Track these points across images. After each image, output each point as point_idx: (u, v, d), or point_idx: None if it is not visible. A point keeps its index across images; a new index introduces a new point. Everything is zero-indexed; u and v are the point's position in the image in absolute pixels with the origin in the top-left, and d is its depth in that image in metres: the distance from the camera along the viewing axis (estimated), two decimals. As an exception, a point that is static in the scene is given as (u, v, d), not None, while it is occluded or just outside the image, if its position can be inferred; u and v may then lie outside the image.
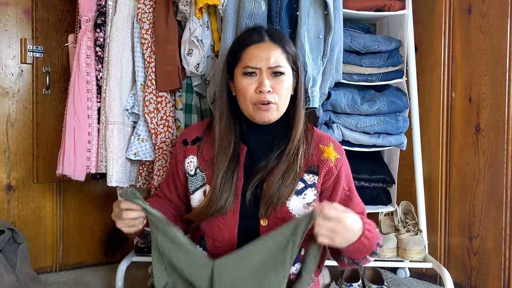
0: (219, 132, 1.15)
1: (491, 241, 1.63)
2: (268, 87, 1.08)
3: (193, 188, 1.16)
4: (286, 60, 1.12)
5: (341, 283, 1.64)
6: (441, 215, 1.78)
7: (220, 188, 1.09)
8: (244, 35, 1.19)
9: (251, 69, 1.10)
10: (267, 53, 1.10)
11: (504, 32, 1.60)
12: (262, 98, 1.09)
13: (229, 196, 1.08)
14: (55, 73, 1.87)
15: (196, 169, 1.16)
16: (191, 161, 1.17)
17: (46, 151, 1.85)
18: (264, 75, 1.10)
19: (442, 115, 1.78)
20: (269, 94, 1.09)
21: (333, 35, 1.38)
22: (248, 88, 1.10)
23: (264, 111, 1.10)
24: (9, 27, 1.78)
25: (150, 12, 1.51)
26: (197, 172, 1.16)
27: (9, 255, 1.58)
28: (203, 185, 1.14)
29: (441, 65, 1.78)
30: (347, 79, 1.53)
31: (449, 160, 1.76)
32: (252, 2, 1.36)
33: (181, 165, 1.19)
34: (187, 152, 1.19)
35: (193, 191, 1.15)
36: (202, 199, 1.13)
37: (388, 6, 1.60)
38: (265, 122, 1.12)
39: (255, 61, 1.10)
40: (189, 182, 1.17)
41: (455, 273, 1.70)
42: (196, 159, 1.17)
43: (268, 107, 1.10)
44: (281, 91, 1.11)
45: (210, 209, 1.09)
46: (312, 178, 1.12)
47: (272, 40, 1.12)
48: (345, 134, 1.50)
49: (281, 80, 1.11)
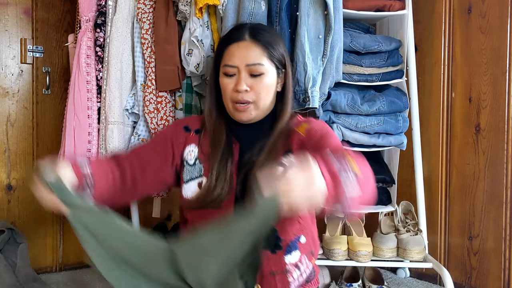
0: (210, 126, 1.16)
1: (491, 241, 1.63)
2: (244, 87, 1.08)
3: (187, 177, 1.15)
4: (267, 59, 1.11)
5: (341, 283, 1.64)
6: (441, 215, 1.78)
7: (216, 179, 1.09)
8: (228, 33, 1.20)
9: (229, 67, 1.11)
10: (245, 52, 1.10)
11: (504, 32, 1.60)
12: (239, 98, 1.10)
13: (224, 187, 1.08)
14: (55, 73, 1.87)
15: (196, 160, 1.16)
16: (192, 150, 1.17)
17: (46, 151, 1.85)
18: (242, 74, 1.10)
19: (442, 115, 1.78)
20: (246, 93, 1.09)
21: (333, 35, 1.38)
22: (228, 87, 1.12)
23: (241, 112, 1.11)
24: (9, 27, 1.78)
25: (150, 12, 1.50)
26: (196, 163, 1.15)
27: (9, 255, 1.58)
28: (199, 176, 1.14)
29: (441, 65, 1.78)
30: (347, 79, 1.52)
31: (449, 160, 1.76)
32: (252, 2, 1.36)
33: (178, 149, 1.17)
34: (189, 140, 1.18)
35: (187, 180, 1.15)
36: (196, 190, 1.13)
37: (388, 6, 1.60)
38: (245, 121, 1.12)
39: (233, 59, 1.11)
40: (185, 171, 1.16)
41: (455, 273, 1.69)
42: (197, 149, 1.17)
43: (245, 107, 1.10)
44: (260, 91, 1.10)
45: (206, 198, 1.08)
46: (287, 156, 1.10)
47: (253, 39, 1.12)
48: (345, 134, 1.50)
49: (260, 79, 1.10)
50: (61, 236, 1.91)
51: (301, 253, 1.09)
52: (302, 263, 1.09)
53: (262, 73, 1.10)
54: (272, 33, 1.19)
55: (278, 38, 1.19)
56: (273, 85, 1.14)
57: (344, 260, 1.58)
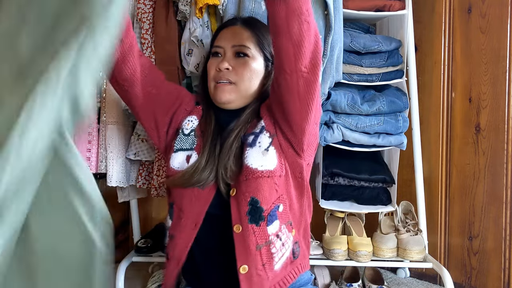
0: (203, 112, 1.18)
1: (491, 241, 1.63)
2: (225, 65, 1.09)
3: (178, 146, 1.14)
4: (255, 44, 1.12)
5: (341, 283, 1.64)
6: (441, 215, 1.78)
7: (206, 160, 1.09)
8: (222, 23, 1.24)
9: (215, 48, 1.13)
10: (233, 35, 1.13)
11: (504, 32, 1.60)
12: (220, 76, 1.10)
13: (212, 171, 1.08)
14: (55, 73, 1.87)
15: (192, 131, 1.16)
16: (191, 120, 1.17)
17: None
18: (227, 55, 1.11)
19: (442, 115, 1.78)
20: (228, 72, 1.10)
21: (333, 35, 1.38)
22: (211, 68, 1.13)
23: (221, 90, 1.11)
24: (9, 27, 1.77)
25: (150, 12, 1.50)
26: (191, 134, 1.15)
27: (9, 255, 1.58)
28: (190, 149, 1.13)
29: (441, 65, 1.78)
30: (347, 79, 1.52)
31: (449, 160, 1.76)
32: (252, 2, 1.36)
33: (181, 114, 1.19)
34: (194, 111, 1.20)
35: (176, 149, 1.14)
36: (183, 162, 1.12)
37: (388, 6, 1.60)
38: (224, 102, 1.12)
39: (220, 40, 1.13)
40: (178, 139, 1.15)
41: (455, 273, 1.70)
42: (197, 122, 1.17)
43: (224, 85, 1.10)
44: (243, 72, 1.10)
45: (192, 178, 1.07)
46: (259, 124, 1.10)
47: (244, 25, 1.14)
48: (345, 134, 1.50)
49: (245, 61, 1.11)
50: (61, 236, 1.91)
51: (281, 223, 1.08)
52: (282, 232, 1.08)
53: (247, 55, 1.11)
54: (265, 26, 1.19)
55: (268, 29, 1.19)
56: (258, 73, 1.13)
57: (344, 260, 1.58)
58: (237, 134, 1.10)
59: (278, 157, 1.07)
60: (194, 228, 1.07)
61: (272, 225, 1.06)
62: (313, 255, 1.60)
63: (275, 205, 1.07)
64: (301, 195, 1.14)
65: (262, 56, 1.13)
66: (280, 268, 1.06)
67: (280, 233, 1.07)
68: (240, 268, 1.03)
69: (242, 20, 1.17)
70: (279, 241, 1.07)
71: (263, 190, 1.04)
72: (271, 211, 1.06)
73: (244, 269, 1.03)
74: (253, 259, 1.03)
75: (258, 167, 1.05)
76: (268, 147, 1.07)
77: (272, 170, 1.05)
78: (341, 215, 1.72)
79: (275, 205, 1.07)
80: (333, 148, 1.54)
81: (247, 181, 1.05)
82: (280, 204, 1.07)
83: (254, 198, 1.04)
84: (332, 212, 1.73)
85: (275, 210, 1.06)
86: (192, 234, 1.07)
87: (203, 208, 1.07)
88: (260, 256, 1.04)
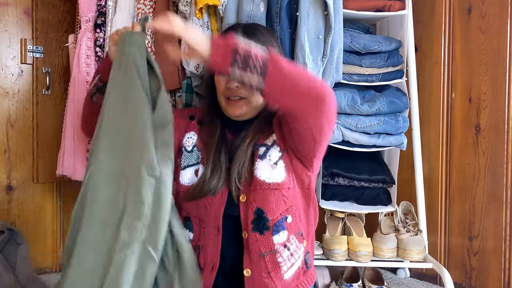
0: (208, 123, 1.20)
1: (491, 241, 1.63)
2: (235, 84, 1.09)
3: (185, 164, 1.17)
4: None
5: (341, 283, 1.64)
6: (441, 215, 1.78)
7: (211, 169, 1.11)
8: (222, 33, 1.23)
9: None
10: None
11: (504, 32, 1.60)
12: (231, 93, 1.12)
13: (221, 178, 1.11)
14: (55, 73, 1.87)
15: (194, 147, 1.18)
16: (190, 137, 1.20)
17: (46, 151, 1.85)
18: None
19: (442, 115, 1.78)
20: (238, 89, 1.11)
21: (333, 36, 1.38)
22: (221, 83, 1.14)
23: (233, 106, 1.14)
24: (9, 27, 1.78)
25: (150, 12, 1.50)
26: (194, 150, 1.18)
27: (9, 255, 1.58)
28: (196, 163, 1.16)
29: (441, 65, 1.78)
30: (347, 79, 1.53)
31: (449, 160, 1.76)
32: (250, 4, 1.36)
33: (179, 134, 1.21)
34: (190, 127, 1.22)
35: (184, 167, 1.17)
36: (192, 177, 1.15)
37: (388, 7, 1.60)
38: (237, 116, 1.15)
39: None
40: (183, 157, 1.18)
41: (455, 273, 1.70)
42: (196, 136, 1.20)
43: (236, 101, 1.13)
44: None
45: (203, 189, 1.10)
46: (271, 137, 1.13)
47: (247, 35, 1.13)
48: (345, 134, 1.50)
49: None
50: (61, 237, 1.91)
51: (289, 233, 1.10)
52: (291, 243, 1.10)
53: None
54: (265, 32, 1.20)
55: (272, 36, 1.21)
56: None
57: (344, 260, 1.58)
58: (250, 141, 1.13)
59: (287, 171, 1.10)
60: (217, 234, 1.10)
61: (278, 235, 1.08)
62: (313, 255, 1.60)
63: (283, 216, 1.09)
64: (308, 206, 1.17)
65: None
66: (291, 278, 1.09)
67: (288, 243, 1.09)
68: (244, 270, 1.07)
69: (244, 29, 1.16)
70: (286, 251, 1.09)
71: (269, 202, 1.07)
72: (277, 222, 1.08)
73: (248, 272, 1.07)
74: (257, 266, 1.06)
75: (266, 179, 1.08)
76: (277, 161, 1.10)
77: (279, 183, 1.08)
78: (341, 215, 1.72)
79: (283, 216, 1.09)
80: (333, 148, 1.54)
81: (255, 191, 1.08)
82: (288, 215, 1.09)
83: (259, 208, 1.07)
84: (332, 212, 1.73)
85: (282, 220, 1.09)
86: (218, 239, 1.10)
87: (219, 212, 1.10)
88: (264, 264, 1.07)
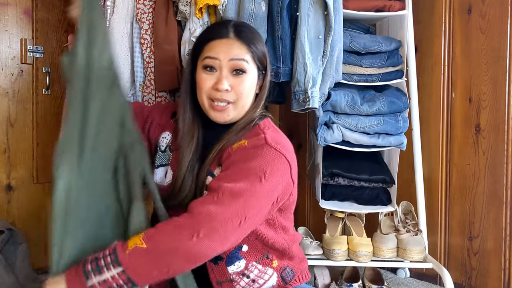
0: (183, 126, 1.11)
1: (491, 241, 1.63)
2: (225, 86, 1.04)
3: (158, 163, 1.15)
4: (251, 58, 1.07)
5: (341, 283, 1.64)
6: (441, 215, 1.78)
7: (182, 181, 1.06)
8: (210, 29, 1.17)
9: (210, 59, 1.05)
10: (229, 48, 1.06)
11: (504, 32, 1.60)
12: (218, 96, 1.05)
13: (191, 190, 1.05)
14: (55, 73, 1.87)
15: (166, 147, 1.15)
16: (165, 137, 1.17)
17: (46, 151, 1.85)
18: (224, 71, 1.05)
19: (442, 115, 1.78)
20: (227, 93, 1.04)
21: (333, 36, 1.38)
22: (206, 83, 1.06)
23: (219, 112, 1.06)
24: (9, 27, 1.78)
25: (150, 12, 1.50)
26: (166, 150, 1.15)
27: (9, 255, 1.58)
28: (166, 165, 1.13)
29: (441, 65, 1.78)
30: (347, 79, 1.52)
31: (449, 160, 1.76)
32: (252, 3, 1.36)
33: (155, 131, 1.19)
34: (167, 126, 1.18)
35: (158, 166, 1.15)
36: (163, 177, 1.13)
37: (388, 7, 1.60)
38: (220, 122, 1.08)
39: (215, 51, 1.06)
40: (157, 156, 1.16)
41: (455, 273, 1.70)
42: (170, 136, 1.16)
43: (224, 107, 1.06)
44: (242, 91, 1.06)
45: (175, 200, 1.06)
46: (218, 170, 1.04)
47: (238, 37, 1.07)
48: (345, 134, 1.50)
49: (242, 78, 1.06)
50: (61, 236, 1.91)
51: (248, 261, 1.06)
52: (250, 270, 1.06)
53: (245, 71, 1.06)
54: (254, 32, 1.15)
55: (260, 37, 1.16)
56: (254, 86, 1.10)
57: (344, 260, 1.58)
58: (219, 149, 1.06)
59: None
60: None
61: (233, 265, 1.05)
62: (313, 255, 1.60)
63: (236, 247, 1.05)
64: (271, 223, 1.09)
65: (256, 67, 1.10)
66: None
67: (247, 271, 1.06)
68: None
69: (235, 31, 1.08)
70: (245, 278, 1.06)
71: None
72: (230, 253, 1.05)
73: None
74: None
75: None
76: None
77: None
78: (341, 215, 1.72)
79: (236, 246, 1.04)
80: (333, 149, 1.54)
81: None
82: (243, 245, 1.05)
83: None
84: (332, 212, 1.73)
85: (236, 251, 1.05)
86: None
87: None
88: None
